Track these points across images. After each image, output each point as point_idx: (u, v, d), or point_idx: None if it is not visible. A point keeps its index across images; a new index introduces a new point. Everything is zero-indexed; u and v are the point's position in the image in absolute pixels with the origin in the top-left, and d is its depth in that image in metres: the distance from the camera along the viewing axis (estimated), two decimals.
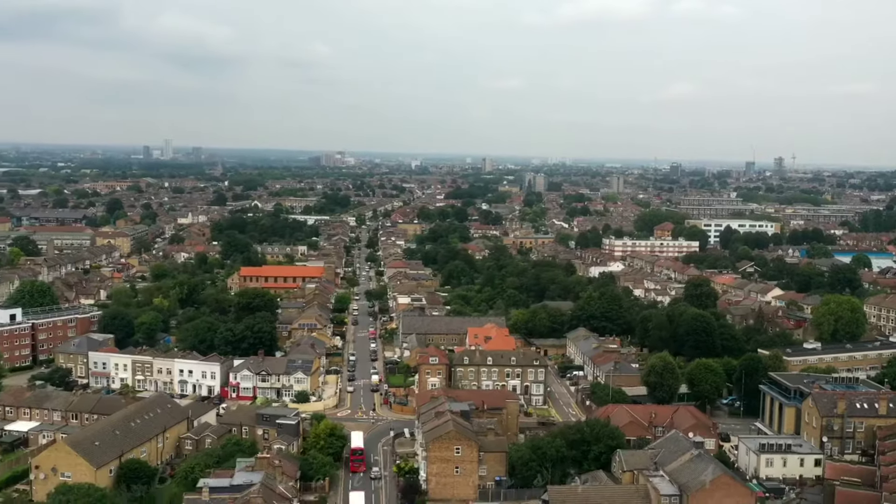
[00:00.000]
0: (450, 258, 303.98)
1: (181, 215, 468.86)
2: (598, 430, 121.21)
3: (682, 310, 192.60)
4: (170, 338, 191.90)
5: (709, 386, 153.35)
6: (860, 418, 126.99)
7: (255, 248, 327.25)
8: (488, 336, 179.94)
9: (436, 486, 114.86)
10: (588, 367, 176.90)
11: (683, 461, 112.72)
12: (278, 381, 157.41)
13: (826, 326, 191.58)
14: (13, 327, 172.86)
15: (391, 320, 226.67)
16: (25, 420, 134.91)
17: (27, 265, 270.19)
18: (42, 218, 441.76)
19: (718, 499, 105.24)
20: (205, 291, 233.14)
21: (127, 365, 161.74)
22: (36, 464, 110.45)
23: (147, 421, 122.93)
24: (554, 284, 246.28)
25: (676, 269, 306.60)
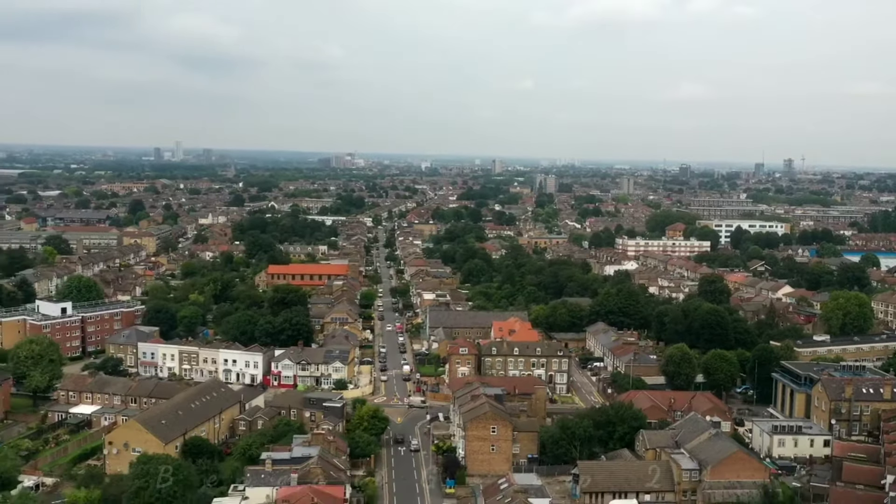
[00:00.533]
0: (468, 257, 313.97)
1: (201, 216, 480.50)
2: (623, 413, 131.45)
3: (697, 305, 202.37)
4: (208, 331, 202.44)
5: (723, 375, 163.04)
6: (866, 402, 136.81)
7: (278, 248, 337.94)
8: (512, 329, 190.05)
9: (473, 463, 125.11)
10: (608, 358, 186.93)
11: (702, 439, 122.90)
12: (317, 370, 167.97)
13: (835, 321, 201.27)
14: (65, 320, 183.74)
15: (416, 315, 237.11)
16: (88, 404, 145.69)
17: (62, 263, 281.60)
18: (66, 218, 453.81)
19: (735, 472, 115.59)
20: (235, 288, 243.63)
21: (174, 355, 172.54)
22: (109, 440, 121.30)
23: (205, 403, 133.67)
24: (571, 282, 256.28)
25: (689, 267, 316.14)
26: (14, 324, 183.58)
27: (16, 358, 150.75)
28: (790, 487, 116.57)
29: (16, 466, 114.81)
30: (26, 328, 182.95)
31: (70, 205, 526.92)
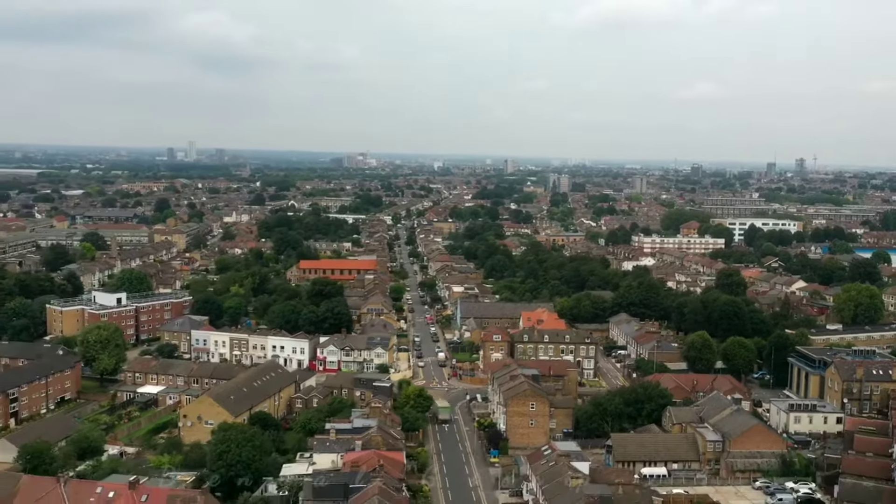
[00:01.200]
0: (490, 253, 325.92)
1: (225, 214, 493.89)
2: (650, 391, 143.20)
3: (715, 296, 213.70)
4: (250, 321, 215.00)
5: (742, 361, 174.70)
6: (876, 383, 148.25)
7: (305, 245, 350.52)
8: (540, 319, 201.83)
9: (513, 436, 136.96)
10: (631, 346, 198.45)
11: (724, 415, 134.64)
12: (360, 356, 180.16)
13: (847, 312, 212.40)
14: (120, 309, 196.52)
15: (444, 308, 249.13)
16: (153, 384, 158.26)
17: (103, 258, 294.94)
18: (94, 216, 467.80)
19: (755, 443, 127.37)
20: (271, 282, 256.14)
21: (225, 341, 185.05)
22: (184, 413, 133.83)
23: (265, 382, 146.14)
24: (593, 276, 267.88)
25: (704, 263, 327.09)
26: (74, 312, 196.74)
27: (85, 342, 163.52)
28: (805, 458, 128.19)
29: (102, 437, 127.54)
30: (84, 317, 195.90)
31: (96, 203, 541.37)
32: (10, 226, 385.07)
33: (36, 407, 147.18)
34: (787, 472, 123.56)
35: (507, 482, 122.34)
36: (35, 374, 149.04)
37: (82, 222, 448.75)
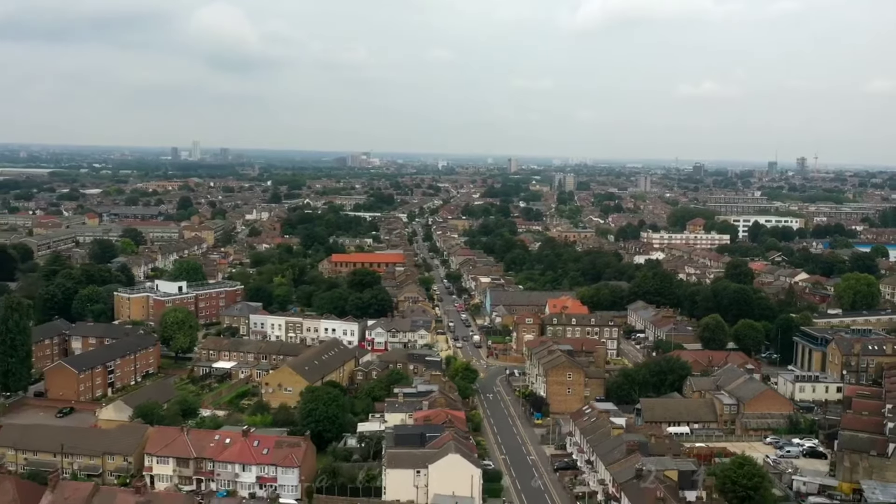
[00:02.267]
0: (508, 248, 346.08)
1: (246, 212, 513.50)
2: (672, 363, 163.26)
3: (725, 285, 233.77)
4: (296, 307, 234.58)
5: (751, 341, 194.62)
6: (871, 357, 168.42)
7: (334, 240, 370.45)
8: (565, 306, 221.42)
9: (553, 402, 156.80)
10: (649, 329, 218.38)
11: (738, 382, 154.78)
12: (405, 337, 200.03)
13: (846, 299, 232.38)
14: (182, 296, 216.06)
15: (472, 297, 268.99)
16: (225, 360, 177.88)
17: (145, 252, 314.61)
18: (120, 214, 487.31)
19: (766, 406, 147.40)
20: (309, 274, 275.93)
21: (281, 324, 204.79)
22: (266, 381, 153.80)
23: (331, 356, 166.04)
24: (609, 268, 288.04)
25: (711, 258, 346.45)
26: (140, 299, 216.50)
27: (164, 324, 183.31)
28: (810, 419, 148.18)
29: (197, 400, 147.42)
30: (150, 303, 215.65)
31: (118, 202, 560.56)
32: (46, 223, 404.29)
33: (127, 379, 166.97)
34: (793, 430, 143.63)
35: (551, 438, 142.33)
36: (125, 351, 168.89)
37: (108, 220, 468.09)
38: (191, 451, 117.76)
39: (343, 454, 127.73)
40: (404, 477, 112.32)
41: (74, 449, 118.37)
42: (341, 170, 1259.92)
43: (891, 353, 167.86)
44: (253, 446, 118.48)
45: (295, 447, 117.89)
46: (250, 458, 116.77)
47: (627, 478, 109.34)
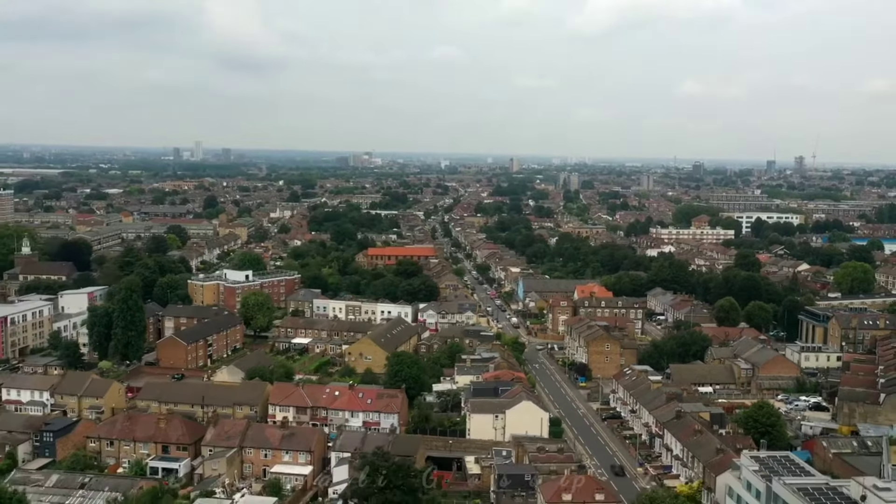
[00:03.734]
0: (529, 242, 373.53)
1: (269, 210, 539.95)
2: (695, 336, 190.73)
3: (735, 273, 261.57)
4: (344, 294, 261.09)
5: (761, 320, 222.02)
6: (867, 330, 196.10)
7: (358, 236, 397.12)
8: (592, 291, 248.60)
9: (593, 369, 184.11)
10: (668, 312, 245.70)
11: (753, 351, 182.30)
12: (453, 318, 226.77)
13: (845, 285, 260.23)
14: (248, 284, 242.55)
15: (502, 286, 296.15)
16: (302, 337, 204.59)
17: (194, 246, 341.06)
18: (150, 213, 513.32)
19: (777, 370, 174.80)
20: (351, 265, 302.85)
21: (342, 308, 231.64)
22: (349, 351, 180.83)
23: (399, 332, 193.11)
24: (626, 259, 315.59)
25: (718, 251, 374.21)
26: (212, 286, 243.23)
27: (245, 306, 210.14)
28: (814, 382, 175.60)
29: (292, 367, 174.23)
30: (219, 290, 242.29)
31: (144, 201, 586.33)
32: (89, 221, 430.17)
33: (221, 352, 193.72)
34: (800, 390, 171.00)
35: (595, 397, 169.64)
36: (218, 328, 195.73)
37: (139, 218, 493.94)
38: (307, 402, 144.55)
39: (426, 406, 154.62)
40: (485, 420, 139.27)
41: (211, 400, 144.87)
42: (345, 170, 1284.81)
43: (883, 328, 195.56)
44: (358, 397, 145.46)
45: (393, 397, 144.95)
46: (357, 406, 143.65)
47: (669, 418, 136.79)
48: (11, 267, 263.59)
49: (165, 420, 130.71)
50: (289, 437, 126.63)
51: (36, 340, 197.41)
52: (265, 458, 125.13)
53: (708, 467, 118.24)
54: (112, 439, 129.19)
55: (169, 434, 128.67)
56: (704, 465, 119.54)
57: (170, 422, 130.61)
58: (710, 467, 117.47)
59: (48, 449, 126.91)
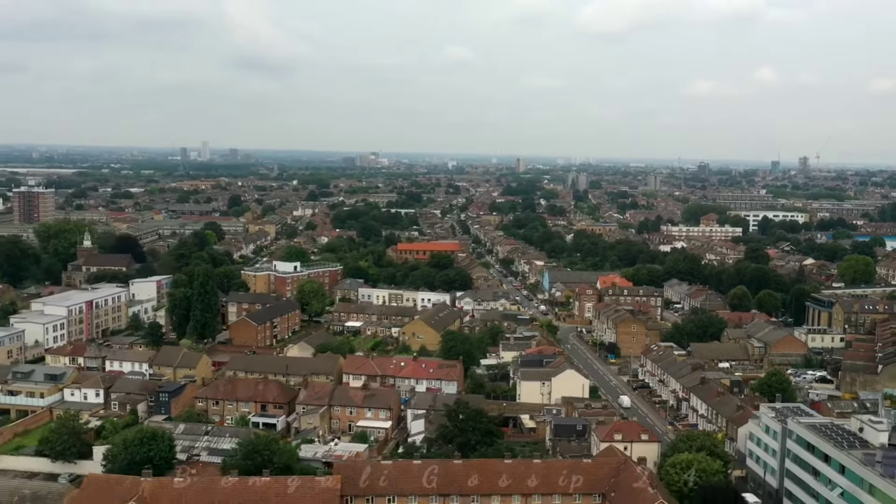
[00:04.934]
0: (547, 239, 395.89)
1: (292, 209, 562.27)
2: (712, 319, 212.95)
3: (746, 265, 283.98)
4: (381, 284, 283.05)
5: (771, 307, 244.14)
6: (867, 314, 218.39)
7: (383, 233, 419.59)
8: (614, 282, 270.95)
9: (622, 347, 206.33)
10: (684, 301, 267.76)
11: (765, 331, 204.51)
12: (488, 305, 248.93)
13: (847, 276, 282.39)
14: (297, 274, 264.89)
15: (526, 278, 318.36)
16: (354, 320, 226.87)
17: (232, 241, 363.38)
18: (177, 211, 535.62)
19: (787, 347, 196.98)
20: (385, 258, 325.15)
21: (384, 296, 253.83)
22: (403, 331, 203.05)
23: (444, 315, 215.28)
24: (642, 254, 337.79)
25: (728, 247, 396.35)
26: (264, 276, 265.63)
27: (301, 293, 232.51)
28: (819, 359, 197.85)
29: (353, 344, 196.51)
30: (270, 280, 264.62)
31: (169, 199, 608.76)
32: (124, 219, 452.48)
33: (283, 333, 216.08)
34: (807, 366, 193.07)
35: (625, 371, 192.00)
36: (280, 312, 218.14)
37: (167, 216, 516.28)
38: (377, 371, 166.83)
39: (477, 377, 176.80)
40: (533, 386, 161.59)
41: (293, 370, 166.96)
42: (353, 170, 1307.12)
43: (882, 312, 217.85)
44: (421, 367, 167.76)
45: (452, 367, 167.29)
46: (421, 374, 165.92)
47: (694, 384, 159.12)
48: (73, 259, 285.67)
49: (263, 383, 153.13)
50: (370, 397, 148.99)
51: (115, 323, 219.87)
52: (350, 415, 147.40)
53: (731, 421, 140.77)
54: (217, 399, 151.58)
55: (266, 395, 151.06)
56: (727, 419, 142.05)
57: (266, 385, 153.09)
58: (733, 421, 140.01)
59: (163, 407, 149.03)
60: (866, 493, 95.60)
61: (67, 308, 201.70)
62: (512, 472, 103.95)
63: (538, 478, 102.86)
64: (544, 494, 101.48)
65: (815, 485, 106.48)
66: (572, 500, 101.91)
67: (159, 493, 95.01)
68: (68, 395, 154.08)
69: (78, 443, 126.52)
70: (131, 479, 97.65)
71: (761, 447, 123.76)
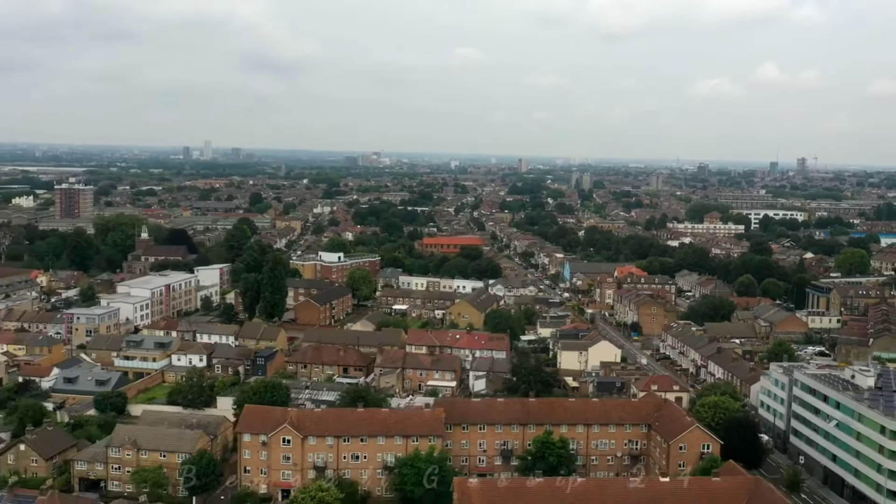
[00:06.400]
0: (562, 234, 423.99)
1: (313, 206, 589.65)
2: (723, 302, 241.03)
3: (751, 257, 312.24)
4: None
5: (775, 294, 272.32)
6: (862, 298, 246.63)
7: (405, 229, 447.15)
8: (630, 272, 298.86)
9: (644, 326, 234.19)
10: (695, 289, 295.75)
11: (770, 312, 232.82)
12: (518, 291, 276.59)
13: (844, 267, 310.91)
14: (341, 264, 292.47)
15: (546, 269, 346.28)
16: (400, 304, 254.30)
17: (267, 236, 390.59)
18: (202, 208, 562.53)
19: (790, 326, 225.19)
20: (415, 251, 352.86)
21: (423, 283, 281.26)
22: (450, 311, 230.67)
23: (484, 298, 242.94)
24: (652, 248, 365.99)
25: (732, 243, 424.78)
26: (311, 265, 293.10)
27: (353, 279, 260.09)
28: (819, 337, 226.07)
29: (405, 322, 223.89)
30: (317, 269, 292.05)
31: (191, 197, 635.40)
32: (157, 214, 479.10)
33: (339, 314, 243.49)
34: (808, 342, 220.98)
35: (647, 346, 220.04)
36: (336, 296, 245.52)
37: (193, 213, 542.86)
38: (436, 342, 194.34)
39: (520, 349, 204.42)
40: (572, 356, 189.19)
41: (363, 342, 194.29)
42: (357, 169, 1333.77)
43: (874, 297, 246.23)
44: (474, 339, 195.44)
45: (501, 339, 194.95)
46: (475, 345, 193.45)
47: (711, 353, 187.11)
48: (131, 250, 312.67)
49: (344, 350, 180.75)
50: (437, 361, 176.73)
51: (187, 305, 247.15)
52: (420, 376, 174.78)
53: (744, 381, 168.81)
54: (305, 363, 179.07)
55: (347, 359, 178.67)
56: (741, 379, 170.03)
57: (347, 351, 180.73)
58: (746, 380, 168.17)
59: (260, 370, 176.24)
60: (856, 421, 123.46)
61: (151, 290, 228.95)
62: (574, 407, 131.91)
63: (595, 412, 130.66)
64: (602, 424, 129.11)
65: (815, 420, 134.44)
66: (624, 429, 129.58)
67: (303, 418, 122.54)
68: (175, 360, 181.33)
69: (204, 394, 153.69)
70: (280, 409, 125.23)
71: (771, 397, 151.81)
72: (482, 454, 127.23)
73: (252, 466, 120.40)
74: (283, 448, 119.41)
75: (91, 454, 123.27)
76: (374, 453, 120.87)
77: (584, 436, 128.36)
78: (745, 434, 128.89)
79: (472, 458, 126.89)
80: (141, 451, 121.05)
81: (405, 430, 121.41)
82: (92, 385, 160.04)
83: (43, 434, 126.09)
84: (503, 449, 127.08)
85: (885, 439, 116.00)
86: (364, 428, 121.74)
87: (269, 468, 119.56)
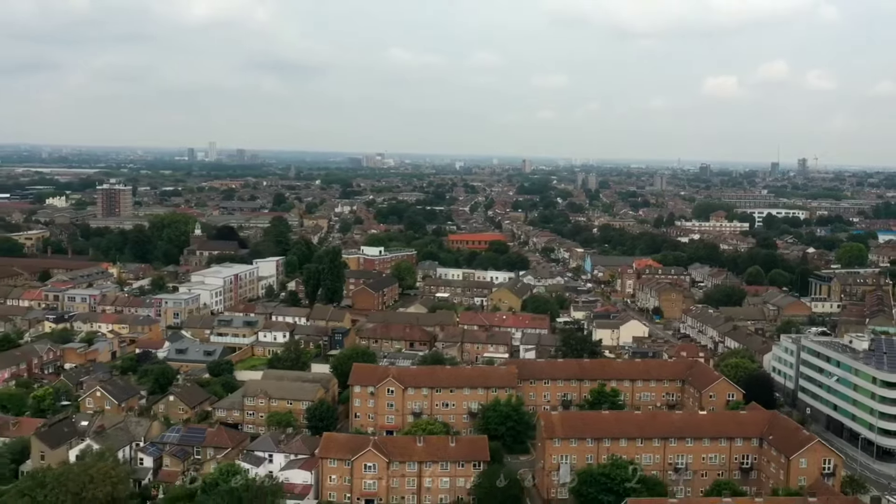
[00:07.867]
0: (577, 231, 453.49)
1: (335, 206, 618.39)
2: (735, 289, 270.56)
3: (758, 251, 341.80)
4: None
5: (781, 283, 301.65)
6: (859, 286, 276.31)
7: (427, 227, 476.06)
8: (648, 264, 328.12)
9: (665, 310, 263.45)
10: (707, 280, 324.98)
11: (778, 298, 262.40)
12: (546, 281, 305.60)
13: (843, 260, 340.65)
14: (381, 258, 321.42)
15: (567, 263, 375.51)
16: (442, 292, 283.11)
17: (302, 233, 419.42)
18: (228, 208, 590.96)
19: (796, 310, 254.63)
20: (443, 246, 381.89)
21: (459, 274, 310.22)
22: (491, 297, 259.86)
23: (520, 286, 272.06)
24: (665, 243, 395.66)
25: (738, 239, 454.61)
26: (354, 259, 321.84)
27: (398, 269, 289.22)
28: (821, 319, 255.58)
29: (453, 306, 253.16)
30: (360, 261, 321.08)
31: (215, 198, 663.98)
32: (191, 214, 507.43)
33: (388, 301, 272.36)
34: (812, 324, 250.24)
35: (669, 328, 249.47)
36: (386, 284, 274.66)
37: (221, 212, 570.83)
38: (485, 322, 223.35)
39: (558, 328, 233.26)
40: (606, 332, 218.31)
41: (422, 322, 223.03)
42: (362, 170, 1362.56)
43: (871, 285, 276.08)
44: (519, 318, 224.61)
45: (542, 319, 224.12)
46: (519, 324, 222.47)
47: (728, 330, 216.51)
48: (185, 245, 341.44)
49: (409, 327, 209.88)
50: (491, 335, 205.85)
51: (251, 293, 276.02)
52: (477, 349, 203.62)
53: (758, 351, 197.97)
54: (376, 338, 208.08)
55: (412, 335, 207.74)
56: (755, 350, 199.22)
57: (412, 328, 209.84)
58: (759, 351, 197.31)
59: (337, 344, 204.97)
60: (854, 376, 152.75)
61: (223, 279, 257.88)
62: (621, 367, 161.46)
63: (639, 370, 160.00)
64: (644, 380, 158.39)
65: (820, 377, 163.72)
66: (662, 384, 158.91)
67: (402, 374, 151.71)
68: (262, 337, 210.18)
69: (299, 361, 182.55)
70: (382, 366, 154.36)
71: (781, 363, 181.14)
72: (546, 404, 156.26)
73: (361, 412, 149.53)
74: (388, 397, 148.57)
75: (229, 403, 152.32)
76: (461, 402, 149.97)
77: (629, 389, 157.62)
78: (763, 386, 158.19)
79: (539, 408, 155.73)
80: (271, 399, 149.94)
81: (486, 383, 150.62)
82: (201, 355, 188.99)
83: (185, 389, 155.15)
84: (563, 399, 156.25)
85: (875, 387, 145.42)
86: (452, 381, 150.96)
87: (375, 413, 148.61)
